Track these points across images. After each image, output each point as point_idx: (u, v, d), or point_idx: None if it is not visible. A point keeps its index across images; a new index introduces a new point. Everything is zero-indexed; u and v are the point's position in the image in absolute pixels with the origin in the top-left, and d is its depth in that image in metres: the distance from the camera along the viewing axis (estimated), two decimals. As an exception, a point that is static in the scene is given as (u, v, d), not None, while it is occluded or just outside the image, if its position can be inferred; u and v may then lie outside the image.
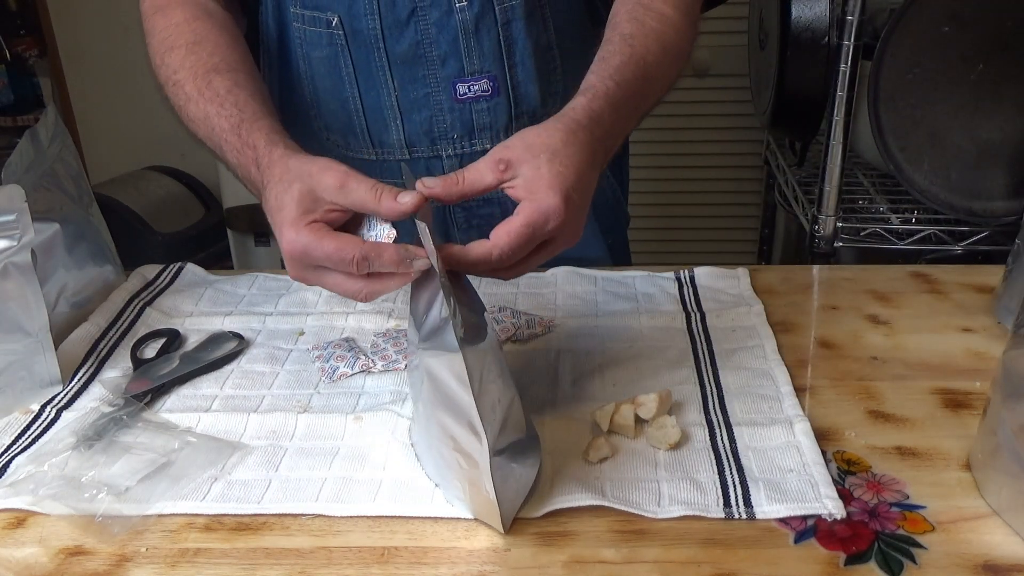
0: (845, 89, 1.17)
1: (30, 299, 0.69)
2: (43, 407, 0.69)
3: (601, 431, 0.63)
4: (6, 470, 0.62)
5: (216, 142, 0.70)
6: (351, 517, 0.56)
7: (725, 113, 2.11)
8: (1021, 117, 1.17)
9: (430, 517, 0.56)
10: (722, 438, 0.63)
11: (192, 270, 0.92)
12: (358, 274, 0.57)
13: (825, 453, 0.61)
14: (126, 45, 2.30)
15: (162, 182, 2.34)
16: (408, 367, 0.72)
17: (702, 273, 0.87)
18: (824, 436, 0.63)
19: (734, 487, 0.57)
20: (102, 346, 0.77)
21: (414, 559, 0.53)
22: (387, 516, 0.56)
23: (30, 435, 0.66)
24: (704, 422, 0.64)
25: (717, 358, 0.73)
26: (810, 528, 0.54)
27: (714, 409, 0.66)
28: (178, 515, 0.57)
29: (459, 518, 0.56)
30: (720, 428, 0.64)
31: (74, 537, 0.56)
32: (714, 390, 0.68)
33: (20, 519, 0.58)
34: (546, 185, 0.58)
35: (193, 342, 0.78)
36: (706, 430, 0.64)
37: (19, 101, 2.57)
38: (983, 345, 0.75)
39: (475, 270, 0.59)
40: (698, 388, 0.69)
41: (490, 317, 0.58)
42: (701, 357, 0.73)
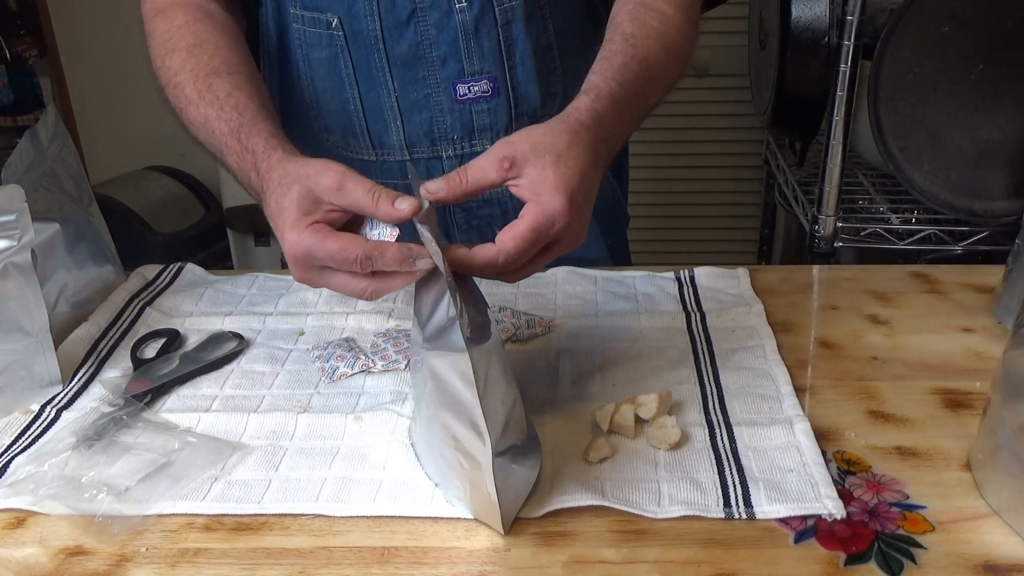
0: (845, 89, 1.18)
1: (30, 299, 0.69)
2: (43, 407, 0.69)
3: (601, 431, 0.63)
4: (6, 470, 0.62)
5: (217, 146, 0.70)
6: (351, 517, 0.56)
7: (725, 113, 2.11)
8: (1021, 117, 1.17)
9: (430, 517, 0.56)
10: (722, 438, 0.63)
11: (192, 270, 0.92)
12: (362, 273, 0.57)
13: (825, 453, 0.61)
14: (126, 45, 2.30)
15: (162, 182, 2.34)
16: (411, 367, 0.72)
17: (702, 273, 0.87)
18: (824, 436, 0.63)
19: (734, 487, 0.57)
20: (102, 346, 0.77)
21: (414, 559, 0.53)
22: (387, 516, 0.56)
23: (30, 435, 0.66)
24: (704, 422, 0.64)
25: (717, 358, 0.73)
26: (810, 528, 0.54)
27: (714, 409, 0.66)
28: (178, 515, 0.57)
29: (459, 518, 0.56)
30: (720, 428, 0.64)
31: (74, 537, 0.56)
32: (714, 390, 0.68)
33: (20, 519, 0.58)
34: (551, 187, 0.58)
35: (193, 342, 0.78)
36: (706, 430, 0.64)
37: (19, 101, 2.56)
38: (983, 345, 0.75)
39: (481, 274, 0.59)
40: (698, 388, 0.69)
41: (492, 316, 0.58)
42: (701, 357, 0.73)
